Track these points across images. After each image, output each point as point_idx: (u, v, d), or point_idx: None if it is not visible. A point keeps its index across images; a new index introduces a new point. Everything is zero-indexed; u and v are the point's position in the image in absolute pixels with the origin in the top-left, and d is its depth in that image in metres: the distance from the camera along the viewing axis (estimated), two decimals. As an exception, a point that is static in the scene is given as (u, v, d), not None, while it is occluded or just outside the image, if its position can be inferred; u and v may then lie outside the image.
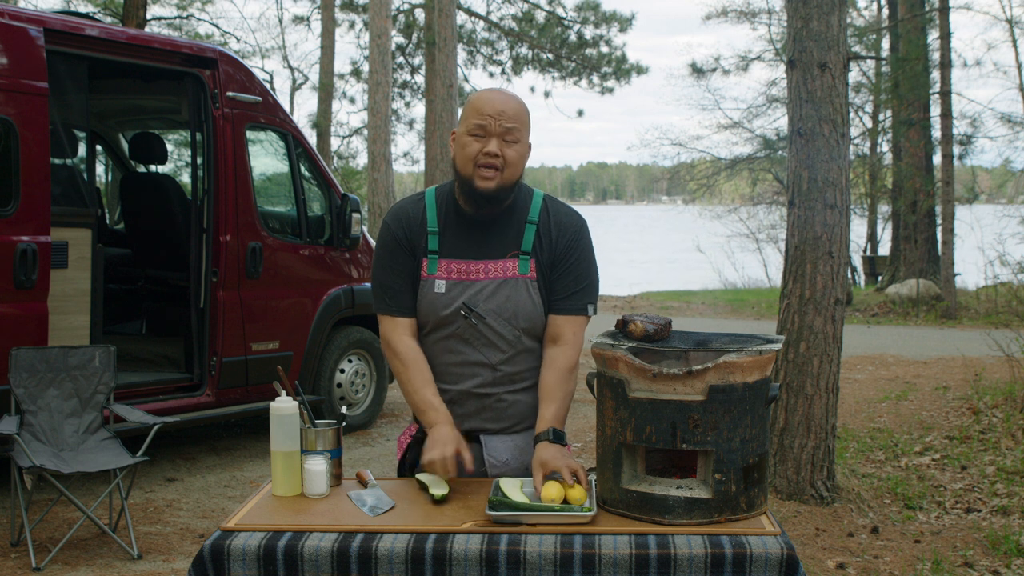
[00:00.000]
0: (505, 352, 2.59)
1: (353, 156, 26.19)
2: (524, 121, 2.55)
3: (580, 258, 2.63)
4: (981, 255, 15.17)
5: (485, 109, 2.51)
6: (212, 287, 6.36)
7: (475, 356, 2.59)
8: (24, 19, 5.47)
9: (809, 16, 5.54)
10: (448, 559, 2.13)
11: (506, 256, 2.59)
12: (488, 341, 2.58)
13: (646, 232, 55.12)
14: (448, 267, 2.58)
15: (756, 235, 24.93)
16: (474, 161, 2.51)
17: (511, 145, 2.53)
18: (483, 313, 2.56)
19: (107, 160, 8.76)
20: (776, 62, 20.21)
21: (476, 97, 2.58)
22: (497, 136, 2.51)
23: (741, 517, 2.26)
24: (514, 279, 2.57)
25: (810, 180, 5.56)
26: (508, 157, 2.52)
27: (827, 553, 4.79)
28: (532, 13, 22.97)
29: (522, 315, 2.58)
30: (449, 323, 2.58)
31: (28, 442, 4.77)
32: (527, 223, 2.61)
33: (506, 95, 2.56)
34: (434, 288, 2.57)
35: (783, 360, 5.62)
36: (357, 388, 7.50)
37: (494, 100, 2.53)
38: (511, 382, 2.62)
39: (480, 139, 2.52)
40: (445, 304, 2.56)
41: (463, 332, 2.58)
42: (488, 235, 2.60)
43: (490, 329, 2.57)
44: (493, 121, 2.50)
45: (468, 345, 2.59)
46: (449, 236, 2.60)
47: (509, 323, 2.57)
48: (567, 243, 2.62)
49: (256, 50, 24.84)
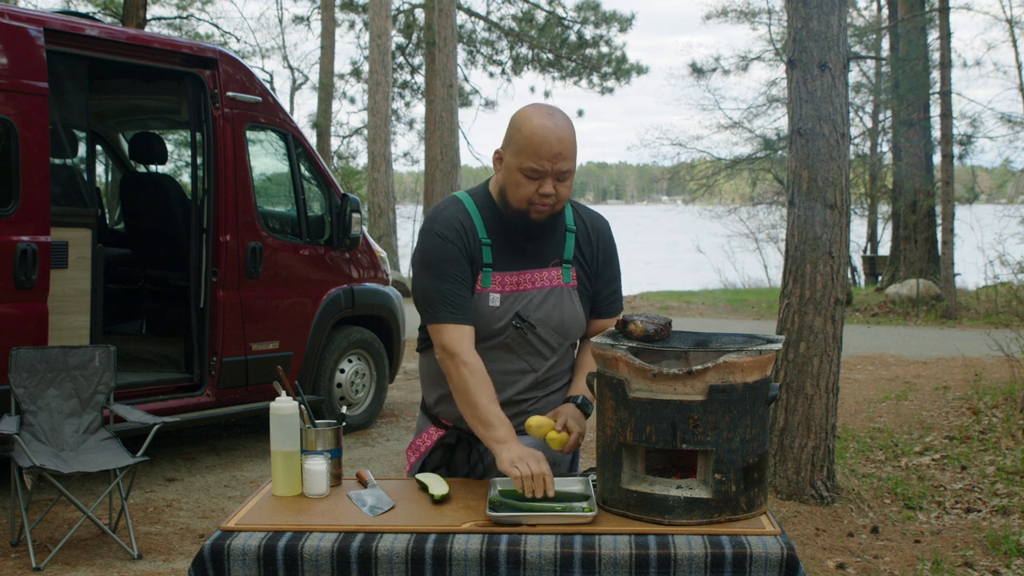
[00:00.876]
0: (548, 359, 2.64)
1: (353, 156, 26.21)
2: (575, 152, 2.50)
3: (613, 259, 2.72)
4: (981, 255, 15.16)
5: (542, 152, 2.44)
6: (212, 287, 6.36)
7: (519, 364, 2.61)
8: (24, 19, 5.47)
9: (809, 16, 5.54)
10: (448, 559, 2.13)
11: (550, 265, 2.62)
12: (534, 349, 2.61)
13: (645, 232, 55.12)
14: (502, 280, 2.58)
15: (756, 235, 24.94)
16: (528, 200, 2.50)
17: (564, 182, 2.51)
18: (534, 323, 2.58)
19: (107, 160, 8.77)
20: (776, 62, 20.21)
21: (533, 132, 2.45)
22: (553, 177, 2.48)
23: (741, 517, 2.26)
24: (559, 288, 2.62)
25: (810, 180, 5.56)
26: (561, 194, 2.51)
27: (827, 553, 4.79)
28: (532, 13, 22.97)
29: (568, 323, 2.62)
30: (499, 334, 2.59)
31: (28, 442, 4.77)
32: (567, 232, 2.64)
33: (561, 130, 2.46)
34: (488, 302, 2.56)
35: (783, 360, 5.62)
36: (357, 388, 7.49)
37: (551, 142, 2.44)
38: (546, 385, 2.68)
39: (535, 181, 2.48)
40: (499, 317, 2.57)
41: (510, 341, 2.60)
42: (533, 245, 2.61)
43: (538, 338, 2.60)
44: (551, 165, 2.45)
45: (513, 353, 2.61)
46: (499, 248, 2.59)
47: (556, 331, 2.61)
48: (604, 248, 2.69)
49: (256, 50, 24.87)
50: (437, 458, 2.72)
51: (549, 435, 2.49)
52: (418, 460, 2.74)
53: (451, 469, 2.72)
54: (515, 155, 2.48)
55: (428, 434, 2.75)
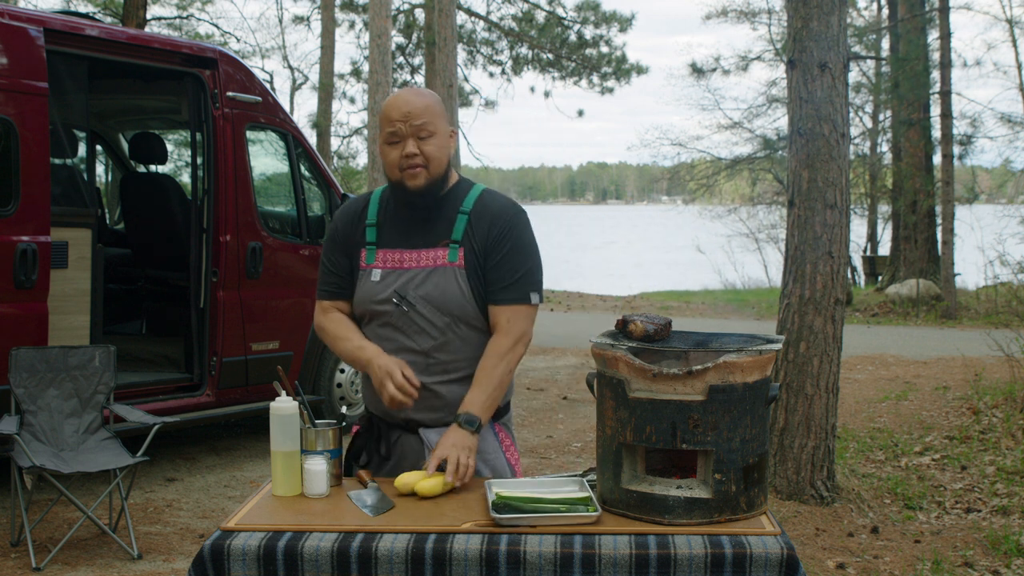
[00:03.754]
0: (435, 339, 2.62)
1: (353, 156, 26.18)
2: (434, 113, 2.62)
3: (514, 248, 2.65)
4: (981, 255, 15.16)
5: (392, 115, 2.59)
6: (212, 287, 6.36)
7: (407, 343, 2.63)
8: (24, 19, 5.47)
9: (809, 16, 5.54)
10: (448, 559, 2.13)
11: (436, 245, 2.65)
12: (419, 328, 2.62)
13: (647, 232, 55.12)
14: (384, 256, 2.67)
15: (756, 235, 24.91)
16: (398, 166, 2.60)
17: (427, 140, 2.60)
18: (413, 300, 2.61)
19: (107, 160, 8.77)
20: (776, 62, 20.20)
21: (384, 104, 2.65)
22: (411, 136, 2.59)
23: (741, 517, 2.26)
24: (443, 267, 2.62)
25: (810, 180, 5.56)
26: (428, 152, 2.60)
27: (827, 553, 4.79)
28: (532, 13, 22.95)
29: (451, 303, 2.61)
30: (383, 312, 2.64)
31: (28, 442, 4.77)
32: (459, 213, 2.67)
33: (410, 94, 2.62)
34: (371, 277, 2.66)
35: (783, 360, 5.62)
36: (357, 388, 7.49)
37: (399, 104, 2.60)
38: (444, 371, 2.64)
39: (396, 144, 2.60)
40: (379, 292, 2.64)
41: (395, 320, 2.63)
42: (422, 225, 2.66)
43: (420, 316, 2.62)
44: (403, 124, 2.58)
45: (400, 332, 2.64)
46: (387, 228, 2.69)
47: (438, 310, 2.61)
48: (499, 233, 2.65)
49: (256, 50, 24.83)
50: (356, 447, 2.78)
51: (417, 486, 2.41)
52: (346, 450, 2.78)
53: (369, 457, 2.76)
54: (380, 132, 2.64)
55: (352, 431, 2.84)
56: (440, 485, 2.43)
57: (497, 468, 2.70)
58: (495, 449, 2.72)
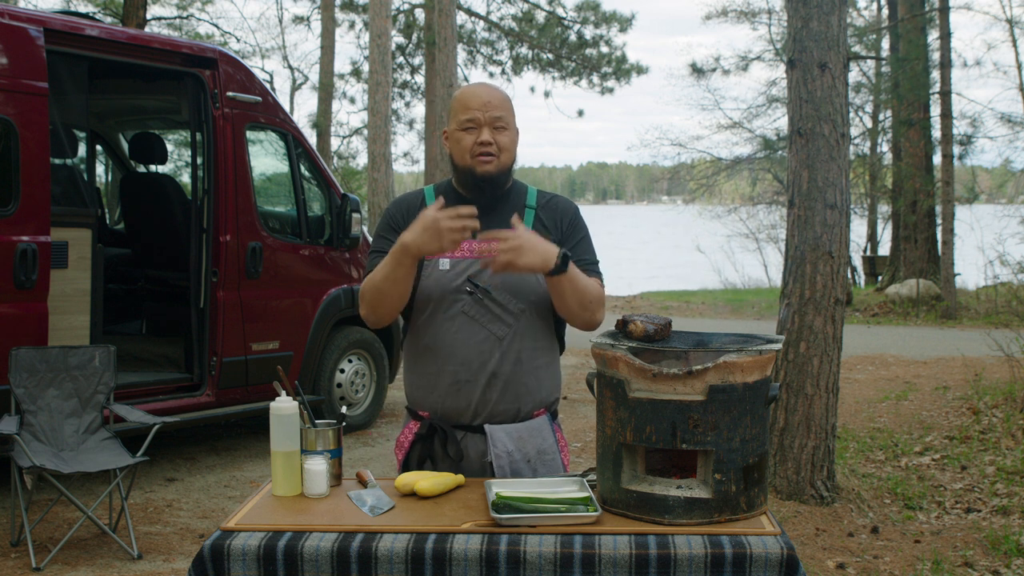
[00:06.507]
0: (510, 326, 2.62)
1: (353, 156, 26.20)
2: (509, 109, 2.69)
3: (585, 238, 2.73)
4: (981, 255, 15.17)
5: (472, 103, 2.64)
6: (212, 287, 6.36)
7: (482, 333, 2.62)
8: (24, 19, 5.47)
9: (809, 16, 5.54)
10: (448, 559, 2.13)
11: None
12: (494, 316, 2.62)
13: (647, 232, 55.11)
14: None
15: (756, 235, 24.91)
16: (471, 152, 2.64)
17: (501, 132, 2.66)
18: (488, 287, 2.61)
19: (107, 160, 8.77)
20: (776, 62, 20.19)
21: (461, 94, 2.70)
22: (487, 126, 2.63)
23: (741, 517, 2.26)
24: None
25: (810, 180, 5.56)
26: (501, 143, 2.65)
27: (827, 553, 4.79)
28: (532, 13, 22.96)
29: (527, 287, 2.62)
30: (455, 300, 2.62)
31: (28, 442, 4.77)
32: (526, 207, 2.71)
33: (488, 87, 2.70)
34: (439, 266, 2.64)
35: (783, 360, 5.62)
36: (357, 388, 7.50)
37: (479, 94, 2.66)
38: (520, 361, 2.64)
39: (472, 131, 2.64)
40: (451, 279, 2.63)
41: (468, 308, 2.62)
42: (488, 220, 2.63)
43: (495, 303, 2.61)
44: (481, 113, 2.63)
45: (475, 322, 2.62)
46: None
47: (514, 296, 2.62)
48: (570, 224, 2.72)
49: (256, 50, 24.86)
50: (418, 452, 2.71)
51: (417, 486, 2.40)
52: (404, 457, 2.75)
53: (434, 461, 2.71)
54: (453, 119, 2.68)
55: (409, 428, 2.76)
56: (440, 485, 2.44)
57: (554, 468, 2.70)
58: (555, 450, 2.75)
